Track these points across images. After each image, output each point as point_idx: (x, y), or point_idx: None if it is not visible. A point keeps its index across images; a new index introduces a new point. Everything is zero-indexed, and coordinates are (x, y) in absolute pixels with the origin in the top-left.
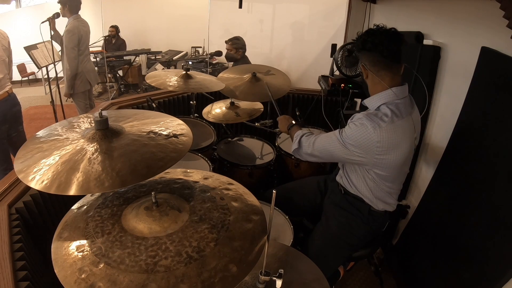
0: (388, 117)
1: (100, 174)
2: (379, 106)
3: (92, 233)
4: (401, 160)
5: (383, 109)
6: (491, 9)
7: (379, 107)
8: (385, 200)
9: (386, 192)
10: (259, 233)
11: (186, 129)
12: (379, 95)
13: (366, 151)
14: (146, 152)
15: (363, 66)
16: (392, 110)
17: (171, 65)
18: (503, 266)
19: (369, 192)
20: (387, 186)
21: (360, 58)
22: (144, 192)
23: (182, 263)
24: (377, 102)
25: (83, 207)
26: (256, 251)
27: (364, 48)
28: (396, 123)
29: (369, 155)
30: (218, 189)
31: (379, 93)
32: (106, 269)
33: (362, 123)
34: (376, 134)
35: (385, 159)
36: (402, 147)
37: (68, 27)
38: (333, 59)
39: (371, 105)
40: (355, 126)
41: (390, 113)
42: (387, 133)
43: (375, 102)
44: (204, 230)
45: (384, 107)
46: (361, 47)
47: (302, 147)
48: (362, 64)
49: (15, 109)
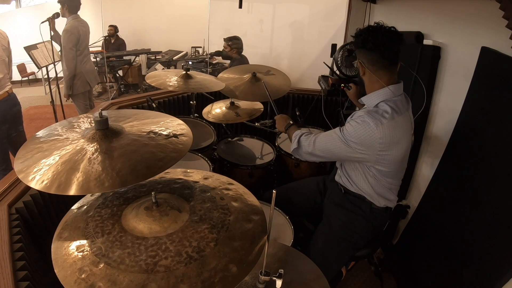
0: (388, 114)
1: (100, 174)
2: (377, 103)
3: (92, 233)
4: (402, 156)
5: (382, 106)
6: (491, 9)
7: (377, 105)
8: (386, 196)
9: (387, 188)
10: (259, 233)
11: (186, 129)
12: (377, 93)
13: (369, 148)
14: (146, 152)
15: (360, 63)
16: (391, 107)
17: (171, 65)
18: (503, 266)
19: (370, 189)
20: (388, 182)
21: (358, 55)
22: (144, 192)
23: (182, 263)
24: (376, 99)
25: (83, 207)
26: (256, 251)
27: (365, 47)
28: (396, 119)
29: (371, 151)
30: (218, 189)
31: (377, 91)
32: (106, 269)
33: (363, 120)
34: (379, 130)
35: (387, 155)
36: (403, 143)
37: (66, 27)
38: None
39: (369, 102)
40: (357, 123)
41: (390, 110)
42: (389, 129)
43: (373, 99)
44: (204, 230)
45: (383, 104)
46: (361, 45)
47: (301, 146)
48: (360, 62)
49: (15, 109)
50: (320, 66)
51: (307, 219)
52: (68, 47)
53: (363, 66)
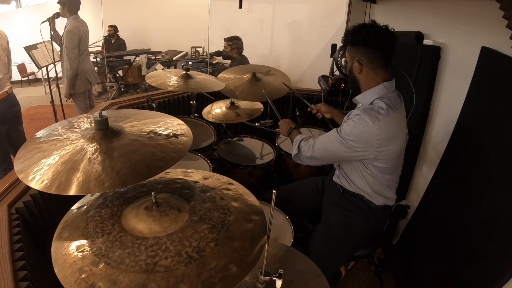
0: (384, 110)
1: (100, 174)
2: (372, 101)
3: (92, 233)
4: (399, 151)
5: (377, 103)
6: (491, 9)
7: (372, 102)
8: (384, 194)
9: (385, 185)
10: (259, 233)
11: (186, 129)
12: (372, 90)
13: (368, 144)
14: (146, 152)
15: (358, 61)
16: (386, 103)
17: (171, 65)
18: (503, 266)
19: (368, 188)
20: (386, 179)
21: (354, 53)
22: (144, 192)
23: (182, 263)
24: (371, 97)
25: (83, 207)
26: (256, 251)
27: (367, 45)
28: (391, 115)
29: (370, 148)
30: (218, 189)
31: (372, 89)
32: (106, 269)
33: (360, 118)
34: (376, 127)
35: (385, 151)
36: (399, 138)
37: (68, 28)
38: (333, 59)
39: (364, 100)
40: (354, 122)
41: (386, 106)
42: (386, 125)
43: (368, 97)
44: (204, 230)
45: (378, 101)
46: (362, 43)
47: (301, 151)
48: (358, 60)
49: (15, 109)
50: (320, 66)
51: (307, 219)
52: (71, 47)
53: (360, 64)
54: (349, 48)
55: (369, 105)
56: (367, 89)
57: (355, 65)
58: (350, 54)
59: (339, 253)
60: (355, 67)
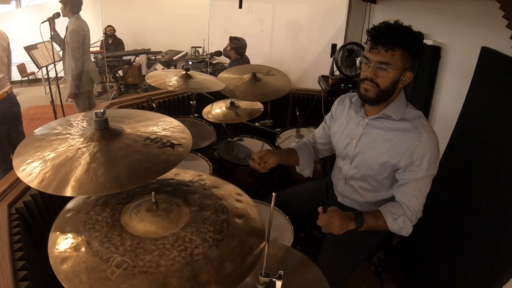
0: (423, 117)
1: (100, 174)
2: (403, 112)
3: (91, 232)
4: None
5: (412, 112)
6: (491, 9)
7: (404, 113)
8: None
9: None
10: (259, 233)
11: (186, 139)
12: (403, 100)
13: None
14: (134, 160)
15: (411, 73)
16: (413, 108)
17: (171, 65)
18: (503, 266)
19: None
20: None
21: (410, 64)
22: (143, 192)
23: (213, 246)
24: (403, 107)
25: (81, 207)
26: (256, 252)
27: (423, 53)
28: None
29: None
30: (218, 189)
31: (400, 98)
32: (145, 277)
33: (434, 141)
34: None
35: None
36: None
37: (72, 27)
38: (333, 59)
39: (397, 113)
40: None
41: (419, 113)
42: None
43: (401, 108)
44: (205, 230)
45: (411, 110)
46: (422, 52)
47: (406, 227)
48: (410, 72)
49: (15, 109)
50: (320, 66)
51: (310, 224)
52: (76, 46)
53: (405, 74)
54: (404, 56)
55: (412, 119)
56: (394, 98)
57: (407, 75)
58: (402, 63)
59: (352, 260)
60: (407, 79)
